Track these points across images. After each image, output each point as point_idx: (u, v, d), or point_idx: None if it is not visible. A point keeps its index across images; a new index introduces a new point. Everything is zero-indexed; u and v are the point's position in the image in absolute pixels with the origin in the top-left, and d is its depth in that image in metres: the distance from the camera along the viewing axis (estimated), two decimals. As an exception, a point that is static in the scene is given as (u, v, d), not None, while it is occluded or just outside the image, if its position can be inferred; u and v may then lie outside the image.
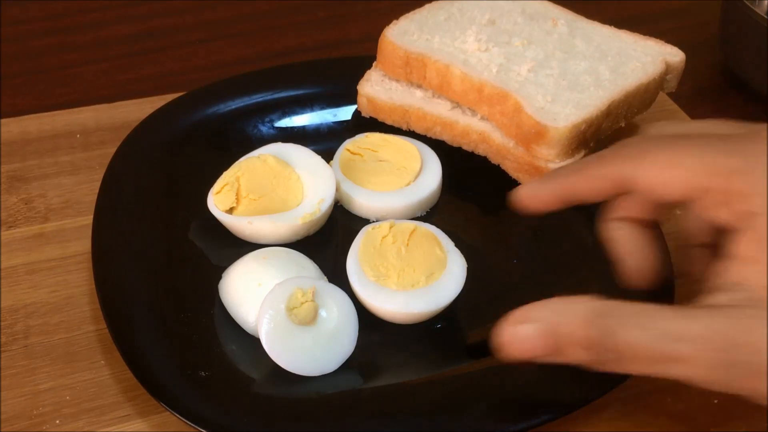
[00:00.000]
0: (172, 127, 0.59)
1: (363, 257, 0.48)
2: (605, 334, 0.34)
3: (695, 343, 0.33)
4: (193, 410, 0.41)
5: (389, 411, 0.43)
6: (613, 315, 0.34)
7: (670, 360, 0.33)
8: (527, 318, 0.36)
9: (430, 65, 0.57)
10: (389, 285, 0.47)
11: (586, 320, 0.35)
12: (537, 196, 0.43)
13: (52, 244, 0.53)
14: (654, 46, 0.59)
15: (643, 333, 0.34)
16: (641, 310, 0.34)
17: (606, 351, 0.34)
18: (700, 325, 0.33)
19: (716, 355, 0.33)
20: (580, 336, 0.35)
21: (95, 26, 0.77)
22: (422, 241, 0.49)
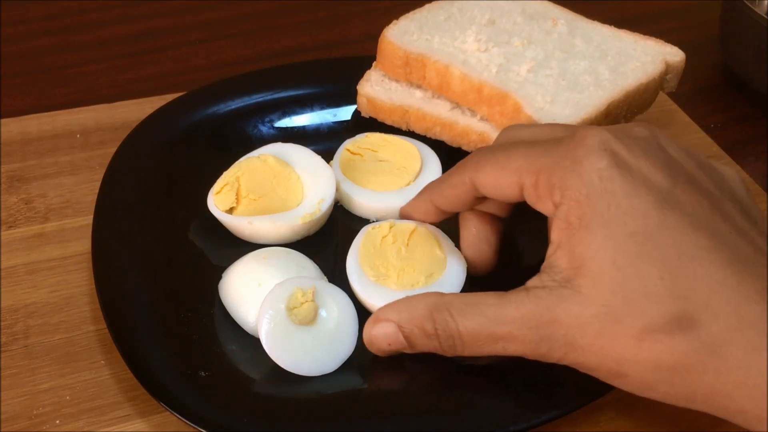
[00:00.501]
0: (172, 127, 0.59)
1: (363, 257, 0.48)
2: (442, 325, 0.40)
3: (513, 323, 0.39)
4: (193, 410, 0.41)
5: (389, 411, 0.43)
6: (446, 308, 0.40)
7: (499, 339, 0.39)
8: (379, 318, 0.42)
9: (430, 65, 0.57)
10: (389, 285, 0.47)
11: (426, 315, 0.41)
12: (418, 210, 0.49)
13: (52, 244, 0.53)
14: (654, 46, 0.59)
15: (471, 320, 0.40)
16: (470, 301, 0.40)
17: (446, 338, 0.40)
18: (514, 308, 0.39)
19: (531, 333, 0.38)
20: (423, 329, 0.41)
21: (95, 26, 0.77)
22: (422, 241, 0.49)
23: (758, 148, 0.68)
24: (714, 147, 0.65)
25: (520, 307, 0.39)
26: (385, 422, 0.43)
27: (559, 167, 0.39)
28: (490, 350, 0.40)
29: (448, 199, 0.46)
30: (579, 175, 0.38)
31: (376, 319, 0.43)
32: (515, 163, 0.41)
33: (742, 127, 0.70)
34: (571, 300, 0.37)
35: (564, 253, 0.38)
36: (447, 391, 0.44)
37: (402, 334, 0.42)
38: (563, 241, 0.38)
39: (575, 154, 0.39)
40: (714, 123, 0.70)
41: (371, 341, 0.43)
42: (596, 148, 0.38)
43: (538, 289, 0.39)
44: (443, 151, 0.57)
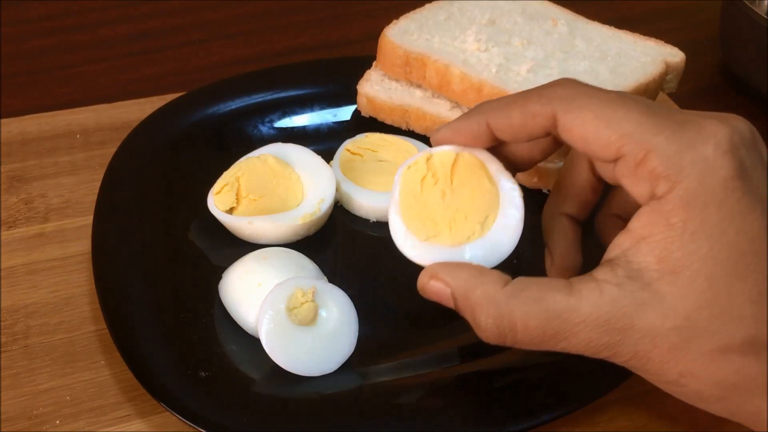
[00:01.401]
0: (172, 127, 0.59)
1: (407, 213, 0.42)
2: (497, 322, 0.37)
3: (582, 325, 0.35)
4: (193, 410, 0.41)
5: (389, 411, 0.43)
6: (508, 307, 0.37)
7: (562, 340, 0.36)
8: (438, 276, 0.39)
9: (430, 65, 0.57)
10: (443, 242, 0.41)
11: (482, 306, 0.37)
12: (465, 131, 0.42)
13: (52, 244, 0.53)
14: (654, 46, 0.59)
15: (535, 320, 0.36)
16: (535, 295, 0.36)
17: (499, 335, 0.37)
18: (586, 310, 0.35)
19: (599, 337, 0.35)
20: (474, 318, 0.38)
21: (95, 26, 0.77)
22: (468, 173, 0.42)
23: (758, 148, 0.68)
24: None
25: (593, 310, 0.35)
26: (385, 422, 0.43)
27: (679, 158, 0.34)
28: (547, 348, 0.37)
29: (513, 127, 0.39)
30: (702, 176, 0.34)
31: (434, 274, 0.39)
32: (625, 126, 0.35)
33: (742, 127, 0.70)
34: (652, 308, 0.35)
35: (652, 251, 0.35)
36: (447, 391, 0.44)
37: (454, 302, 0.39)
38: (655, 239, 0.35)
39: (704, 149, 0.34)
40: (714, 123, 0.70)
41: (423, 290, 0.40)
42: (727, 150, 0.34)
43: (612, 286, 0.35)
44: (443, 151, 0.57)
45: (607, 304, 0.35)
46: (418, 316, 0.49)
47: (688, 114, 0.37)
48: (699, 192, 0.34)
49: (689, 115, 0.37)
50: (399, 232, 0.42)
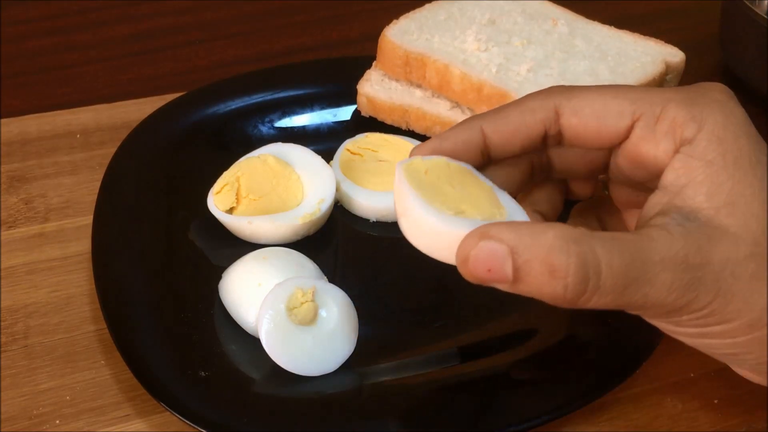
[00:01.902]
0: (172, 127, 0.59)
1: (423, 193, 0.36)
2: (581, 260, 0.32)
3: (662, 264, 0.33)
4: (193, 410, 0.41)
5: (389, 411, 0.43)
6: (587, 239, 0.33)
7: (644, 284, 0.33)
8: (489, 234, 0.33)
9: (430, 65, 0.57)
10: (474, 216, 0.36)
11: (558, 246, 0.32)
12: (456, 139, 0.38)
13: (52, 244, 0.53)
14: (654, 46, 0.59)
15: (618, 257, 0.33)
16: (607, 235, 0.33)
17: (581, 280, 0.32)
18: (663, 246, 0.33)
19: (681, 276, 0.33)
20: (548, 263, 0.32)
21: (95, 26, 0.77)
22: (463, 177, 0.38)
23: (758, 148, 0.68)
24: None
25: (669, 247, 0.33)
26: (385, 422, 0.43)
27: (696, 102, 0.35)
28: (627, 301, 0.33)
29: (510, 128, 0.38)
30: (724, 113, 0.35)
31: (485, 233, 0.33)
32: (633, 95, 0.36)
33: (742, 127, 0.70)
34: (722, 241, 0.34)
35: (699, 192, 0.34)
36: (447, 391, 0.44)
37: (513, 262, 0.33)
38: (698, 180, 0.34)
39: (714, 95, 0.36)
40: (714, 123, 0.69)
41: (468, 260, 0.33)
42: (731, 96, 0.36)
43: (676, 226, 0.34)
44: (443, 151, 0.57)
45: (680, 240, 0.33)
46: (418, 316, 0.49)
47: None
48: (727, 126, 0.35)
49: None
50: (425, 209, 0.35)
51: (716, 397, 0.46)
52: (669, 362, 0.47)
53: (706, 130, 0.35)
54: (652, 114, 0.36)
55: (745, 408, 0.46)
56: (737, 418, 0.45)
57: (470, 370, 0.46)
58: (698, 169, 0.35)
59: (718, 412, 0.45)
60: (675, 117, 0.35)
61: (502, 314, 0.49)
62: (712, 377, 0.47)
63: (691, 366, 0.47)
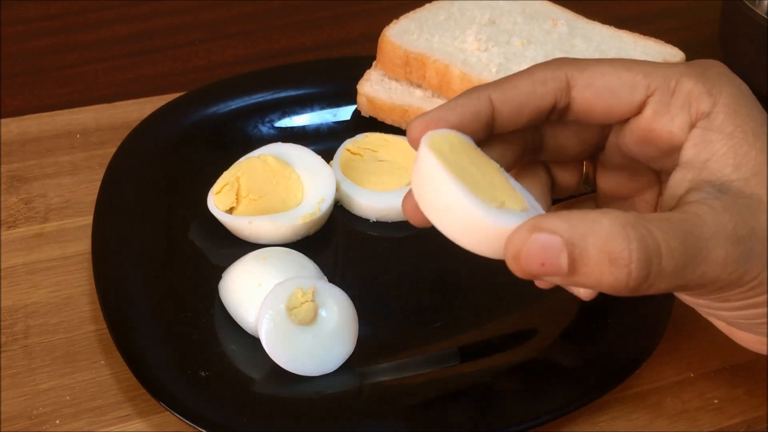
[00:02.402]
0: (172, 127, 0.59)
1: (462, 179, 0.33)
2: (642, 244, 0.31)
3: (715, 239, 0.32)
4: (193, 410, 0.41)
5: (389, 411, 0.43)
6: (643, 222, 0.31)
7: (701, 262, 0.32)
8: (542, 227, 0.31)
9: (430, 65, 0.57)
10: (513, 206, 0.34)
11: (616, 232, 0.31)
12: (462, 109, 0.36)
13: (52, 244, 0.53)
14: (654, 46, 0.59)
15: (675, 237, 0.31)
16: (657, 216, 0.32)
17: (644, 264, 0.31)
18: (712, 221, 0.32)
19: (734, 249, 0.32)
20: (607, 251, 0.31)
21: (95, 26, 0.77)
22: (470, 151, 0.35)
23: (758, 148, 0.68)
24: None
25: (717, 221, 0.32)
26: (385, 422, 0.43)
27: (708, 76, 0.35)
28: (686, 281, 0.32)
29: (520, 98, 0.36)
30: (735, 85, 0.35)
31: (537, 226, 0.31)
32: (645, 67, 0.36)
33: (742, 127, 0.70)
34: (760, 208, 0.33)
35: (725, 164, 0.34)
36: (447, 391, 0.44)
37: (569, 254, 0.31)
38: (720, 152, 0.34)
39: (720, 69, 0.36)
40: (714, 123, 0.70)
41: (521, 254, 0.32)
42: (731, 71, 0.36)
43: (714, 200, 0.33)
44: (443, 151, 0.57)
45: (725, 213, 0.33)
46: (418, 316, 0.49)
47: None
48: (740, 98, 0.35)
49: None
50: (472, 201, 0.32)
51: (716, 397, 0.46)
52: (669, 362, 0.47)
53: (721, 103, 0.35)
54: (667, 88, 0.35)
55: (745, 408, 0.46)
56: (737, 418, 0.45)
57: (470, 370, 0.46)
58: (720, 141, 0.34)
59: (718, 412, 0.45)
60: (691, 90, 0.35)
61: (502, 314, 0.49)
62: (712, 377, 0.47)
63: (691, 366, 0.47)
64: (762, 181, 0.34)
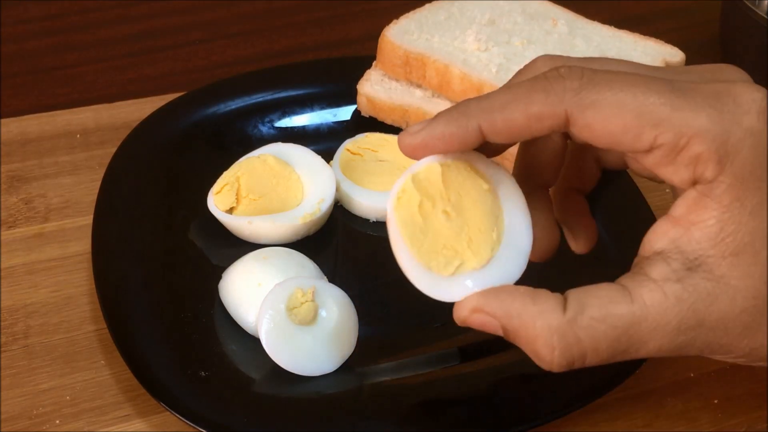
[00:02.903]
0: (172, 127, 0.59)
1: (420, 252, 0.37)
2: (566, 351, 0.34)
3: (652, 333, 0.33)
4: (193, 410, 0.41)
5: (389, 411, 0.43)
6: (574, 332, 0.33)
7: (631, 351, 0.34)
8: (482, 310, 0.35)
9: (430, 65, 0.57)
10: (471, 267, 0.36)
11: (545, 339, 0.34)
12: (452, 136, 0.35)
13: (52, 244, 0.53)
14: (654, 46, 0.59)
15: (604, 341, 0.33)
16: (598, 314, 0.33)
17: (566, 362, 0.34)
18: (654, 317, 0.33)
19: (670, 340, 0.33)
20: (535, 352, 0.34)
21: (95, 26, 0.77)
22: (461, 182, 0.37)
23: (758, 148, 0.68)
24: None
25: (662, 317, 0.33)
26: (385, 422, 0.43)
27: (728, 136, 0.32)
28: (615, 361, 0.35)
29: (513, 131, 0.35)
30: (754, 151, 0.32)
31: (478, 309, 0.35)
32: (657, 113, 0.32)
33: (742, 127, 0.70)
34: (720, 297, 0.33)
35: (707, 237, 0.33)
36: (447, 391, 0.44)
37: (504, 332, 0.35)
38: (708, 223, 0.33)
39: (749, 122, 0.32)
40: (714, 123, 0.69)
41: (463, 322, 0.36)
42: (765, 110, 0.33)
43: (674, 283, 0.33)
44: (443, 151, 0.57)
45: (675, 306, 0.33)
46: (418, 316, 0.49)
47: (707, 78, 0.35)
48: (754, 168, 0.32)
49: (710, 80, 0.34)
50: (420, 276, 0.36)
51: (716, 397, 0.46)
52: (669, 362, 0.47)
53: (729, 172, 0.32)
54: (675, 145, 0.33)
55: (745, 408, 0.46)
56: (737, 418, 0.45)
57: (470, 370, 0.46)
58: (711, 211, 0.33)
59: (718, 412, 0.45)
60: (700, 155, 0.32)
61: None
62: (712, 377, 0.47)
63: (691, 366, 0.47)
64: (737, 263, 0.33)
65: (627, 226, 0.50)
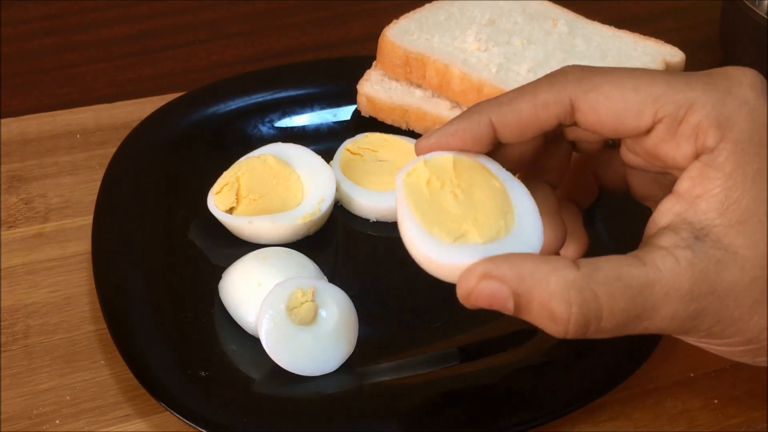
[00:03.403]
0: (172, 127, 0.59)
1: (425, 219, 0.36)
2: (582, 309, 0.33)
3: (665, 299, 0.33)
4: (193, 410, 0.41)
5: (389, 411, 0.43)
6: (589, 286, 0.33)
7: (646, 318, 0.33)
8: (492, 275, 0.33)
9: (430, 65, 0.57)
10: (473, 240, 0.35)
11: (560, 294, 0.33)
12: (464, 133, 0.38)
13: (52, 244, 0.53)
14: (654, 46, 0.59)
15: (620, 300, 0.33)
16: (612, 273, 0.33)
17: (582, 324, 0.33)
18: (668, 279, 0.33)
19: (684, 308, 0.33)
20: (549, 310, 0.33)
21: (95, 26, 0.77)
22: (472, 175, 0.38)
23: (758, 148, 0.68)
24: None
25: (675, 279, 0.33)
26: (385, 422, 0.43)
27: (723, 106, 0.33)
28: (627, 332, 0.34)
29: (522, 122, 0.36)
30: (751, 119, 0.33)
31: (487, 274, 0.33)
32: (655, 89, 0.34)
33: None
34: (729, 265, 0.33)
35: (713, 206, 0.33)
36: (447, 391, 0.44)
37: (515, 302, 0.33)
38: (713, 192, 0.33)
39: (744, 94, 0.34)
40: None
41: (470, 295, 0.34)
42: (763, 91, 0.34)
43: (684, 250, 0.33)
44: (443, 151, 0.57)
45: (687, 269, 0.33)
46: (418, 316, 0.49)
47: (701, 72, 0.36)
48: (752, 134, 0.33)
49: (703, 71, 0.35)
50: (422, 239, 0.35)
51: (716, 397, 0.46)
52: (669, 362, 0.47)
53: (729, 139, 0.33)
54: (675, 116, 0.34)
55: (745, 408, 0.46)
56: (737, 418, 0.45)
57: (470, 370, 0.46)
58: (715, 180, 0.33)
59: (718, 412, 0.45)
60: (699, 122, 0.33)
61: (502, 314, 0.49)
62: (712, 377, 0.47)
63: (691, 366, 0.47)
64: (744, 231, 0.33)
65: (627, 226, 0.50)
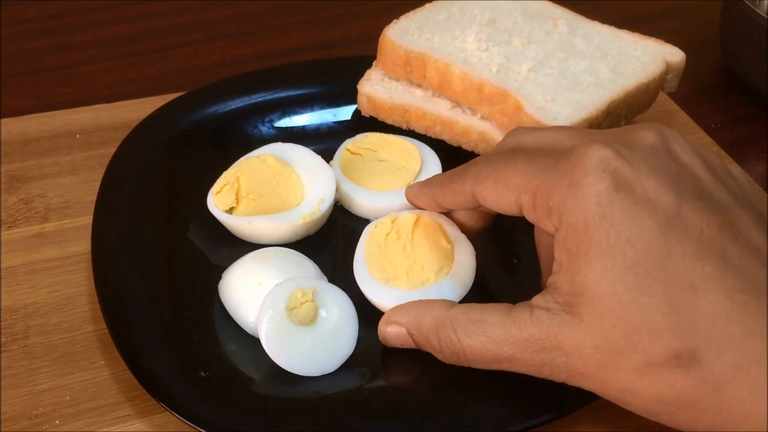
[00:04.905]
0: (172, 127, 0.59)
1: (369, 259, 0.48)
2: (446, 343, 0.41)
3: (516, 346, 0.38)
4: (193, 410, 0.41)
5: (389, 411, 0.43)
6: (451, 325, 0.41)
7: (503, 360, 0.39)
8: (391, 321, 0.44)
9: (430, 64, 0.57)
10: (399, 285, 0.46)
11: (432, 330, 0.42)
12: (418, 198, 0.48)
13: (52, 244, 0.53)
14: (654, 45, 0.59)
15: (474, 340, 0.40)
16: (475, 317, 0.40)
17: (451, 354, 0.41)
18: (517, 331, 0.38)
19: (533, 357, 0.38)
20: (429, 342, 0.42)
21: (95, 26, 0.77)
22: (427, 232, 0.48)
23: (758, 148, 0.68)
24: (714, 147, 0.65)
25: (522, 330, 0.38)
26: (385, 422, 0.43)
27: (556, 189, 0.37)
28: (494, 368, 0.40)
29: (450, 202, 0.46)
30: (576, 199, 0.36)
31: (388, 320, 0.44)
32: (514, 180, 0.39)
33: (742, 127, 0.70)
34: (573, 328, 0.37)
35: (565, 278, 0.37)
36: (447, 391, 0.44)
37: (413, 339, 0.43)
38: (564, 266, 0.37)
39: (573, 174, 0.36)
40: (714, 123, 0.70)
41: (385, 339, 0.44)
42: (595, 168, 0.36)
43: (542, 310, 0.38)
44: (443, 151, 0.57)
45: (535, 325, 0.38)
46: (418, 316, 0.49)
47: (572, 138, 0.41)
48: (579, 214, 0.36)
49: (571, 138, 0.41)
50: (361, 274, 0.47)
51: (716, 397, 0.46)
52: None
53: (565, 220, 0.37)
54: (528, 203, 0.39)
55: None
56: (737, 418, 0.45)
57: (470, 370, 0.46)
58: (564, 255, 0.37)
59: (719, 412, 0.45)
60: (543, 205, 0.38)
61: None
62: (713, 377, 0.47)
63: (691, 366, 0.47)
64: (585, 302, 0.36)
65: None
